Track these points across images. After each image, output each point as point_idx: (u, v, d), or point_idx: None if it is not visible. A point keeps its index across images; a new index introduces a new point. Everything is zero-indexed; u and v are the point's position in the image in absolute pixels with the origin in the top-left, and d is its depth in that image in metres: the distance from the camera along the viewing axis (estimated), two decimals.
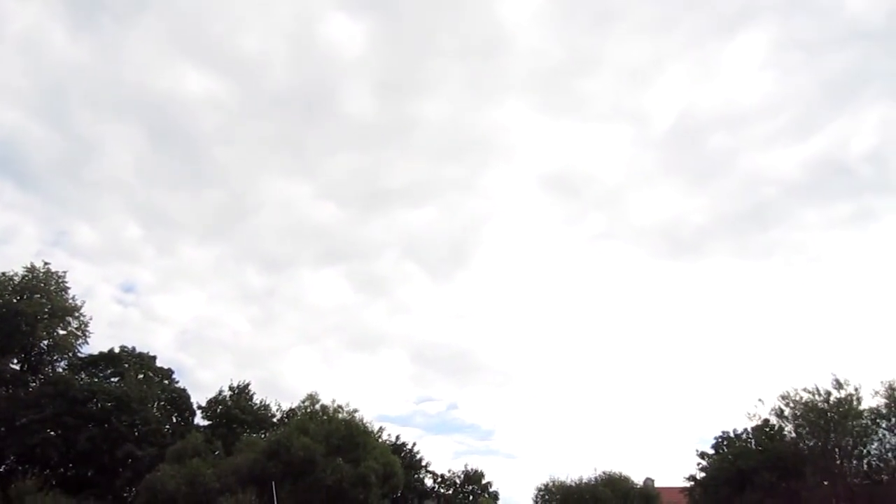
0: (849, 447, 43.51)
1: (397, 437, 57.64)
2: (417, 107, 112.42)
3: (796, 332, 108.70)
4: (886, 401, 43.26)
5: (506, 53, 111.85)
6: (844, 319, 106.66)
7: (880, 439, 43.25)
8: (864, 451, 43.71)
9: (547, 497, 47.60)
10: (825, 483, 42.47)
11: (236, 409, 53.86)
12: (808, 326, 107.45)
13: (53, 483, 44.28)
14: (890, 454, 42.95)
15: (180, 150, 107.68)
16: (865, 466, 43.99)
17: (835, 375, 44.80)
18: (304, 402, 48.57)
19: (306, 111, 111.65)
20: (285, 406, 55.48)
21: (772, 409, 45.41)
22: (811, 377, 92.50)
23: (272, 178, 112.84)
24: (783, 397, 45.39)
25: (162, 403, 54.27)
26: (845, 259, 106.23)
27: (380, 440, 50.67)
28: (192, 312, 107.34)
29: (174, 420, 54.59)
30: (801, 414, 44.26)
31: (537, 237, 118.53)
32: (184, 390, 55.84)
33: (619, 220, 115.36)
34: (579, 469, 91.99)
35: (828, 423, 43.38)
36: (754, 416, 46.35)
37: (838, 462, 43.79)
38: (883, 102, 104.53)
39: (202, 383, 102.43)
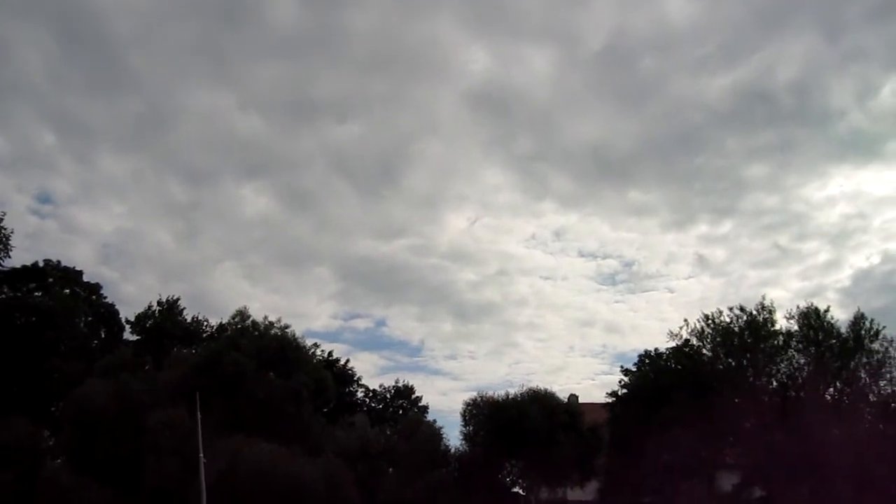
0: (761, 366, 45.84)
1: (330, 353, 58.24)
2: (345, 16, 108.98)
3: (720, 256, 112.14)
4: (800, 324, 45.51)
5: None
6: (763, 246, 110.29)
7: (790, 359, 45.71)
8: (775, 369, 46.14)
9: (475, 412, 48.85)
10: (738, 399, 44.75)
11: (166, 324, 53.45)
12: (730, 252, 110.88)
13: None
14: (797, 373, 45.48)
15: (93, 54, 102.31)
16: (775, 384, 46.52)
17: (762, 299, 46.84)
18: (233, 317, 48.58)
19: (228, 17, 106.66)
20: (213, 322, 55.36)
21: (692, 330, 47.26)
22: (734, 300, 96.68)
23: (192, 87, 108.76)
24: (704, 318, 47.26)
25: (89, 319, 53.56)
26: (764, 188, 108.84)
27: (312, 355, 51.16)
28: (114, 225, 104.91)
29: (102, 335, 54.04)
30: (719, 334, 46.26)
31: (466, 155, 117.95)
32: (112, 305, 55.18)
33: (548, 141, 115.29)
34: (506, 385, 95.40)
35: (743, 343, 45.51)
36: (676, 336, 48.16)
37: (751, 380, 46.14)
38: (809, 33, 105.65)
39: (126, 298, 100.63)
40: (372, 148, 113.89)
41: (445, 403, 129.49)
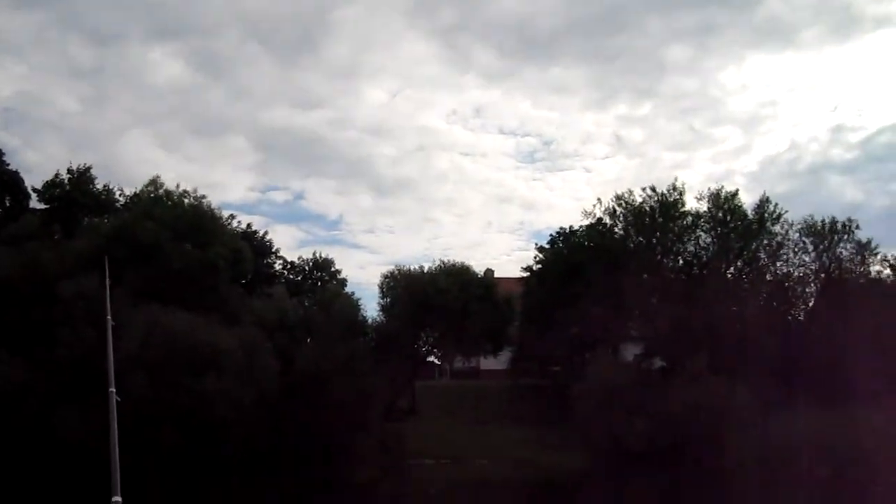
0: (669, 245, 47.65)
1: (248, 225, 57.50)
2: None
3: (637, 137, 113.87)
4: (708, 206, 47.12)
5: None
6: (679, 129, 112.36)
7: (697, 239, 47.62)
8: (682, 248, 48.09)
9: (392, 284, 49.59)
10: (646, 276, 46.67)
11: (76, 193, 51.55)
12: (647, 133, 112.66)
13: None
14: (703, 252, 47.54)
15: None
16: (682, 262, 48.61)
17: (674, 180, 48.06)
18: (146, 186, 47.23)
19: None
20: (127, 191, 53.61)
21: (605, 209, 48.45)
22: (648, 180, 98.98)
23: None
24: (617, 198, 48.41)
25: None
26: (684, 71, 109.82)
27: (229, 227, 50.53)
28: (13, 88, 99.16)
29: (6, 203, 51.88)
30: (631, 214, 47.59)
31: (387, 25, 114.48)
32: (15, 172, 52.53)
33: (472, 12, 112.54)
34: (424, 260, 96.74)
35: (653, 223, 47.03)
36: (590, 214, 49.35)
37: (659, 258, 48.04)
38: None
39: (29, 166, 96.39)
40: (289, 13, 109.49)
41: (364, 277, 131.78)
